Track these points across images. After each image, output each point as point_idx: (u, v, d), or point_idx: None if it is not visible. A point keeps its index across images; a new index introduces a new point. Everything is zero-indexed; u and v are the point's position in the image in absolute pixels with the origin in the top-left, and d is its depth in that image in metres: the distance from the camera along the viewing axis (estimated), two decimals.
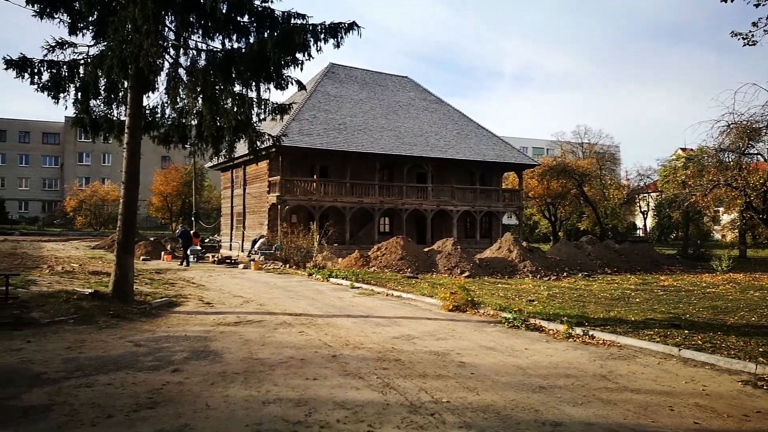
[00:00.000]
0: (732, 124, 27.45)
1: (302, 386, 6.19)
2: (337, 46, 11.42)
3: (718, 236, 50.38)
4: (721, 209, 38.01)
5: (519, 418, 5.27)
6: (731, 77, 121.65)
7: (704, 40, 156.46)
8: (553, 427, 5.06)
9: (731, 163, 28.29)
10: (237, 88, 12.06)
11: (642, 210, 54.68)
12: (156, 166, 66.38)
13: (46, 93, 11.95)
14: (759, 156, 28.52)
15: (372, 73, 38.03)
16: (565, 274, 21.97)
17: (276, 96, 62.69)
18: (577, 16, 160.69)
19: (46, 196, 72.06)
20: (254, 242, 27.90)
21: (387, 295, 14.77)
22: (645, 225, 56.93)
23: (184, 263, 23.91)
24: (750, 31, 9.22)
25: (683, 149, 53.15)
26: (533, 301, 13.88)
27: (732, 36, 9.53)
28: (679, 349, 8.10)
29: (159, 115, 13.15)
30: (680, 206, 31.97)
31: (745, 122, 26.92)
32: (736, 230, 40.30)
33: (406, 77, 39.75)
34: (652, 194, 51.43)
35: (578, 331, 9.53)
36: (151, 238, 32.12)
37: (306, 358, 7.49)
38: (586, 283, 19.04)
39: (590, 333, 9.40)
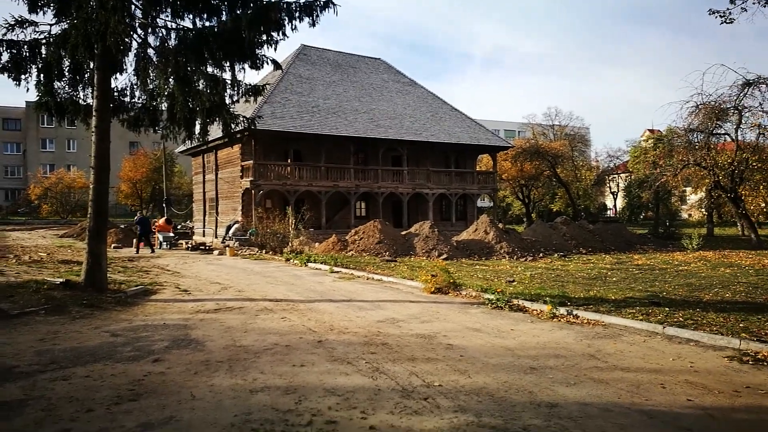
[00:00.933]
0: (701, 104, 27.97)
1: (290, 373, 6.02)
2: (313, 24, 11.09)
3: (685, 215, 51.55)
4: (689, 189, 38.83)
5: (514, 401, 5.19)
6: (699, 60, 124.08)
7: (674, 23, 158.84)
8: (549, 409, 4.99)
9: (700, 143, 28.86)
10: (210, 69, 11.66)
11: (612, 191, 55.58)
12: (124, 152, 64.72)
13: (6, 75, 11.35)
14: (726, 136, 29.14)
15: (345, 55, 37.51)
16: (541, 254, 22.16)
17: (250, 77, 61.53)
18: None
19: (9, 185, 69.76)
20: (228, 228, 27.41)
21: (368, 279, 14.64)
22: (615, 205, 57.93)
23: (148, 250, 23.41)
24: (728, 8, 9.23)
25: (651, 131, 54.06)
26: (513, 281, 13.92)
27: (710, 14, 9.56)
28: (663, 327, 8.16)
29: (128, 98, 12.65)
30: (651, 186, 32.57)
31: (713, 103, 27.47)
32: (703, 209, 41.32)
33: (379, 59, 39.32)
34: (621, 175, 52.26)
35: (562, 311, 9.54)
36: (122, 226, 31.29)
37: (291, 345, 7.31)
38: (563, 263, 19.22)
39: (574, 313, 9.42)
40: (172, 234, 26.61)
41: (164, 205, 39.63)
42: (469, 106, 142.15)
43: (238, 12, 10.56)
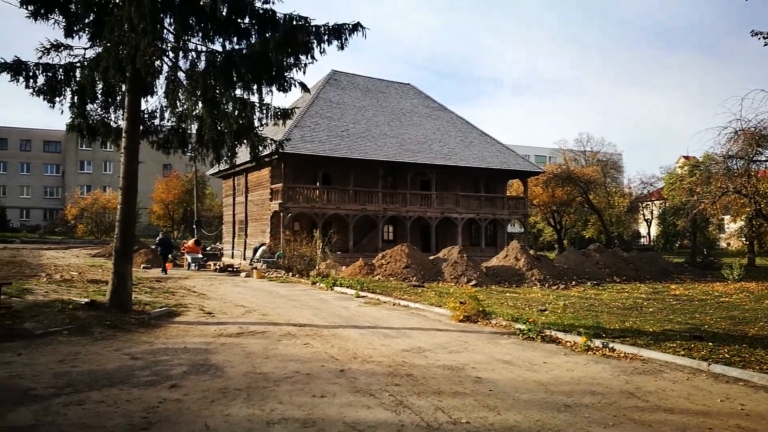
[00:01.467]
0: (739, 130, 27.05)
1: (309, 404, 5.74)
2: (341, 47, 11.06)
3: (723, 244, 49.84)
4: (727, 217, 37.54)
5: None
6: (733, 84, 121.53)
7: (705, 47, 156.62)
8: None
9: (740, 170, 27.91)
10: (238, 91, 11.70)
11: (645, 218, 54.22)
12: (157, 174, 66.13)
13: (41, 97, 11.59)
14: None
15: (374, 80, 37.73)
16: (573, 282, 21.53)
17: (278, 100, 62.35)
18: (577, 22, 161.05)
19: (48, 204, 71.76)
20: (255, 250, 27.44)
21: (394, 305, 14.31)
22: (649, 233, 56.43)
23: (164, 272, 23.23)
24: None
25: (686, 157, 52.78)
26: (545, 310, 13.45)
27: (752, 35, 9.17)
28: (708, 364, 7.64)
29: (158, 120, 12.79)
30: (688, 214, 31.52)
31: (752, 129, 26.58)
32: (743, 238, 39.84)
33: (408, 84, 39.44)
34: (655, 202, 50.98)
35: (597, 343, 9.07)
36: (152, 246, 31.66)
37: (312, 373, 7.04)
38: (596, 292, 18.61)
39: (610, 345, 8.93)
40: (200, 255, 26.76)
41: (194, 226, 40.08)
42: (500, 131, 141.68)
43: (267, 35, 10.56)
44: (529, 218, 41.69)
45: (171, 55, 11.99)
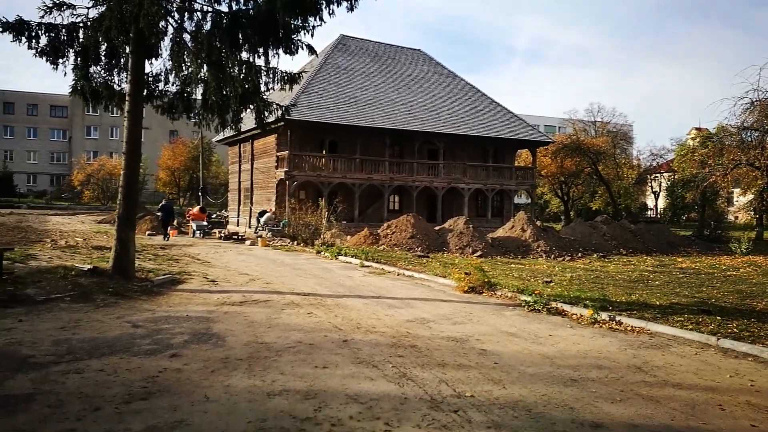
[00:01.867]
0: (756, 101, 26.53)
1: (311, 375, 5.66)
2: (351, 9, 10.70)
3: (731, 218, 49.40)
4: (737, 190, 37.07)
5: (553, 417, 4.71)
6: (751, 56, 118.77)
7: (724, 17, 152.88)
8: (593, 429, 4.50)
9: (754, 142, 27.43)
10: (244, 54, 11.40)
11: (654, 190, 53.71)
12: (163, 140, 65.96)
13: (44, 58, 11.30)
14: None
15: (384, 46, 37.02)
16: (579, 254, 21.37)
17: (285, 64, 61.61)
18: None
19: (54, 170, 71.80)
20: (259, 216, 27.31)
21: (398, 275, 14.22)
22: (656, 206, 55.98)
23: (165, 238, 23.09)
24: None
25: (698, 129, 51.93)
26: (550, 282, 13.34)
27: None
28: (717, 338, 7.51)
29: (162, 83, 12.47)
30: (699, 186, 31.15)
31: None
32: (751, 211, 39.44)
33: (419, 50, 38.69)
34: (664, 175, 50.42)
35: (604, 316, 8.95)
36: (158, 213, 31.66)
37: (315, 343, 6.96)
38: (602, 264, 18.47)
39: (617, 318, 8.81)
40: (205, 223, 26.71)
41: (200, 193, 40.04)
42: (510, 101, 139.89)
43: None
44: (537, 189, 41.37)
45: (176, 16, 11.66)
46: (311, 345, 6.88)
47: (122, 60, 11.95)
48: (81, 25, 11.25)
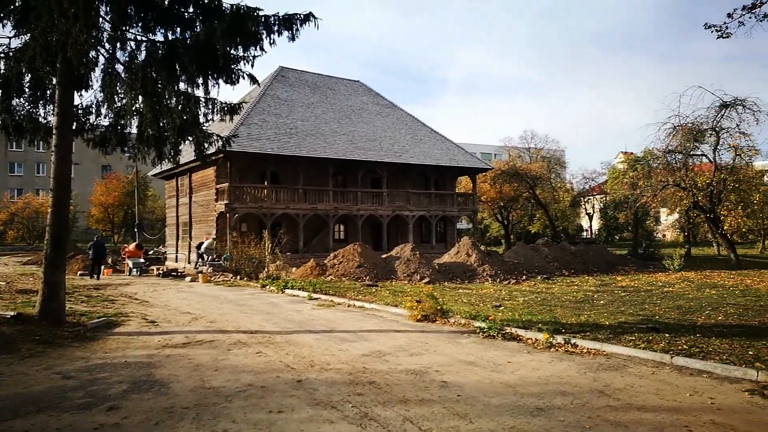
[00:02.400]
0: (678, 126, 28.13)
1: (266, 422, 5.26)
2: (293, 38, 10.51)
3: (659, 236, 51.82)
4: (664, 210, 38.95)
5: None
6: (673, 84, 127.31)
7: (649, 47, 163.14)
8: None
9: (678, 164, 28.94)
10: (182, 85, 10.97)
11: (587, 212, 55.80)
12: (95, 175, 63.19)
13: None
14: (704, 157, 29.28)
15: (323, 77, 37.08)
16: (524, 277, 21.69)
17: (224, 95, 60.72)
18: (522, 22, 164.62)
19: None
20: (199, 246, 26.38)
21: (348, 306, 13.88)
22: (591, 226, 58.09)
23: (94, 277, 22.45)
24: (725, 23, 8.92)
25: (625, 153, 54.56)
26: (500, 306, 13.35)
27: (706, 28, 9.23)
28: (671, 357, 7.60)
29: (94, 116, 11.88)
30: (631, 207, 32.50)
31: (690, 124, 27.62)
32: (677, 230, 41.49)
33: (358, 81, 38.98)
34: (597, 196, 52.50)
35: (559, 339, 8.93)
36: (89, 251, 30.01)
37: (267, 385, 6.54)
38: (547, 286, 18.76)
39: (572, 341, 8.82)
40: (142, 260, 25.50)
41: (136, 229, 38.36)
42: (447, 130, 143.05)
43: (214, 24, 9.87)
44: (477, 215, 42.09)
45: (108, 46, 11.16)
46: (263, 387, 6.45)
47: (48, 91, 11.31)
48: (2, 55, 10.58)
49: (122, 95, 11.11)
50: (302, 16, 10.42)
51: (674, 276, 22.15)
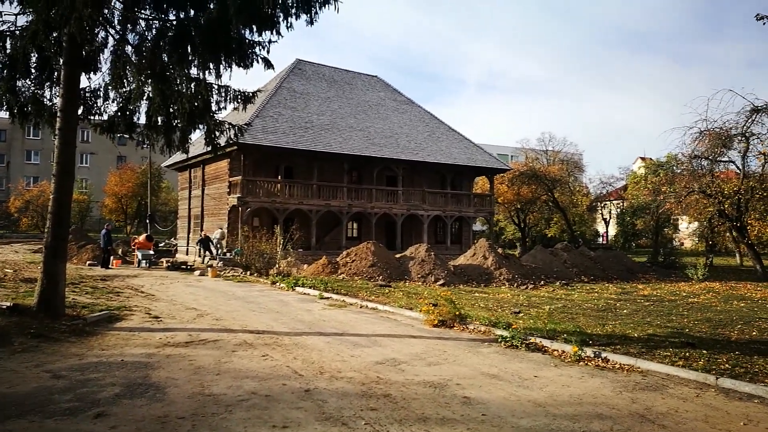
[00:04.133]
0: (705, 131, 27.16)
1: None
2: (311, 22, 9.90)
3: (676, 244, 50.60)
4: (685, 217, 37.89)
5: None
6: (695, 87, 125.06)
7: (670, 50, 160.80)
8: None
9: (704, 171, 27.97)
10: (194, 71, 10.44)
11: (604, 217, 54.73)
12: (111, 166, 63.27)
13: None
14: (731, 164, 28.30)
15: (340, 71, 36.52)
16: (542, 282, 20.97)
17: (240, 83, 60.47)
18: (541, 22, 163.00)
19: None
20: (203, 240, 26.32)
21: (361, 307, 13.27)
22: (607, 232, 56.99)
23: (102, 267, 22.64)
24: None
25: (643, 158, 53.42)
26: (519, 313, 12.70)
27: (757, 19, 8.52)
28: (716, 378, 6.88)
29: (101, 100, 11.36)
30: (653, 213, 31.55)
31: (718, 129, 26.64)
32: (697, 238, 40.33)
33: (376, 77, 38.37)
34: (614, 202, 51.43)
35: (588, 352, 8.26)
36: (100, 241, 29.69)
37: (272, 394, 5.95)
38: (566, 292, 18.08)
39: (603, 355, 8.14)
40: (152, 252, 25.10)
41: (147, 221, 38.08)
42: (463, 130, 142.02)
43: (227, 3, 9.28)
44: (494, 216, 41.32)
45: (118, 27, 10.66)
46: (268, 397, 5.87)
47: (55, 73, 10.81)
48: (8, 33, 10.10)
49: (131, 79, 10.60)
50: None
51: (698, 286, 21.33)
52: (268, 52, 10.41)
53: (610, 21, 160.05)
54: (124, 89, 10.91)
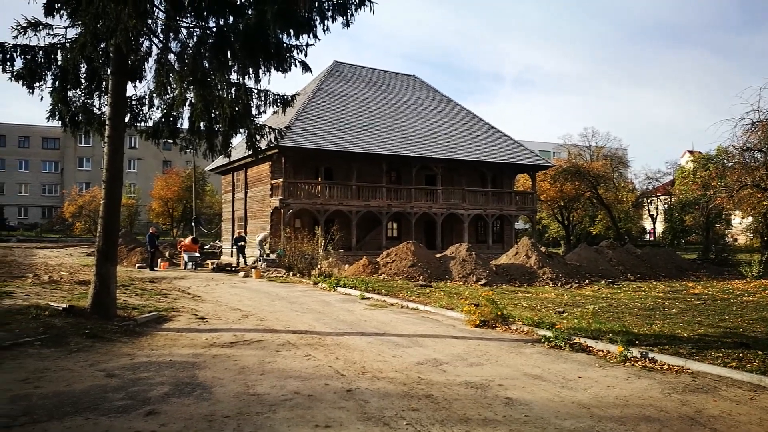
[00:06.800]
0: (757, 122, 26.02)
1: None
2: (347, 24, 10.00)
3: (729, 240, 48.64)
4: (738, 212, 36.41)
5: None
6: (739, 81, 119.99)
7: (707, 42, 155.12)
8: None
9: (757, 163, 26.81)
10: (234, 76, 10.69)
11: (651, 214, 53.13)
12: (157, 170, 65.31)
13: (20, 82, 10.58)
14: None
15: (378, 72, 36.64)
16: (586, 281, 20.53)
17: (279, 87, 61.54)
18: (579, 17, 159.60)
19: (46, 202, 70.81)
20: (237, 241, 27.11)
21: (401, 307, 13.30)
22: (654, 229, 55.33)
23: (150, 269, 23.46)
24: None
25: (691, 152, 51.58)
26: (563, 312, 12.48)
27: None
28: None
29: (146, 107, 11.75)
30: (703, 209, 30.47)
31: None
32: (751, 234, 38.66)
33: (413, 76, 38.34)
34: (660, 197, 49.89)
35: (635, 352, 8.05)
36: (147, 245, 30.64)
37: (315, 394, 6.04)
38: (612, 291, 17.65)
39: (650, 355, 7.92)
40: (197, 254, 25.76)
41: (193, 224, 39.09)
42: (503, 127, 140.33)
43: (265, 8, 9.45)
44: (536, 214, 40.69)
45: (161, 36, 11.00)
46: (310, 396, 5.95)
47: (104, 83, 11.24)
48: (59, 46, 10.55)
49: (174, 86, 10.92)
50: (357, 0, 9.87)
51: (753, 284, 20.43)
52: (305, 55, 10.57)
53: (646, 14, 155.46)
54: (168, 96, 11.26)
